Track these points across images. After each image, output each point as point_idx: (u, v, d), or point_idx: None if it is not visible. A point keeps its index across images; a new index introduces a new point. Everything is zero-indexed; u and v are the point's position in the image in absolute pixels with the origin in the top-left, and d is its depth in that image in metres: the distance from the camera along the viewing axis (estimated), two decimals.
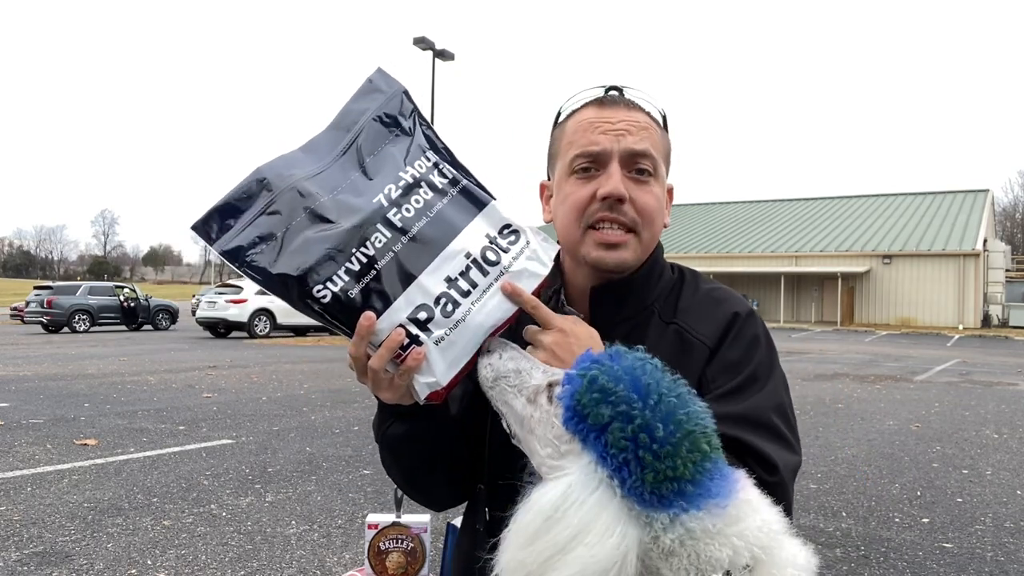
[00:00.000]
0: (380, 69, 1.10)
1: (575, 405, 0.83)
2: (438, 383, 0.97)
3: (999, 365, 17.38)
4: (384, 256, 0.96)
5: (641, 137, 1.12)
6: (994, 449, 7.56)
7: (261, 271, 0.95)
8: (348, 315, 0.95)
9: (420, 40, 24.41)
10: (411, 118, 1.07)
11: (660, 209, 1.16)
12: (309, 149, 1.03)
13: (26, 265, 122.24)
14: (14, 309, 29.88)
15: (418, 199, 1.00)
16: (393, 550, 1.52)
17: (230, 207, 0.98)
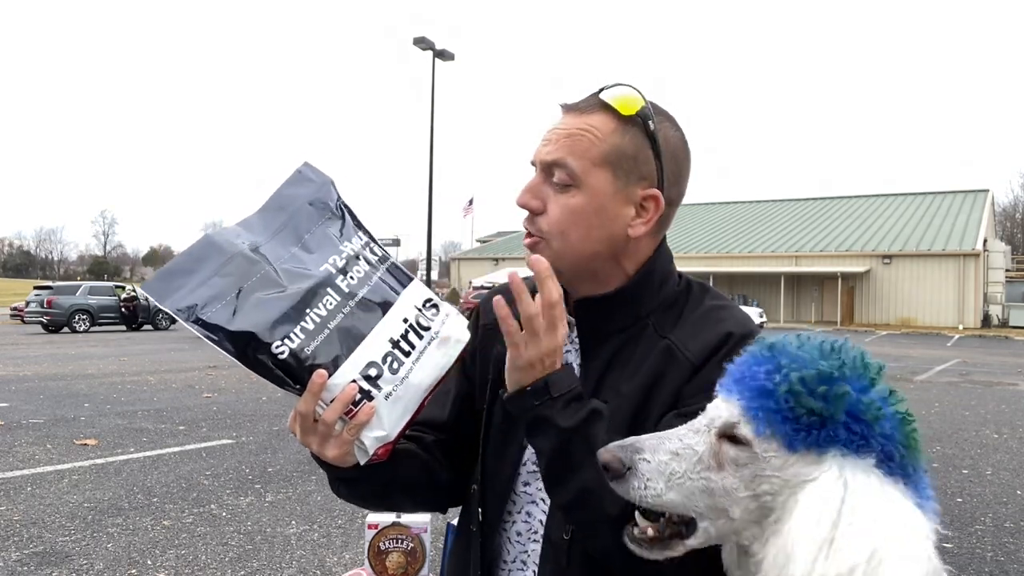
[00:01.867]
0: (307, 163, 1.18)
1: (795, 417, 0.82)
2: (388, 436, 1.03)
3: (999, 365, 17.38)
4: (335, 317, 1.02)
5: (559, 146, 1.08)
6: (994, 449, 7.56)
7: (216, 328, 0.98)
8: (302, 372, 0.99)
9: (420, 40, 24.42)
10: (338, 205, 1.14)
11: (579, 217, 1.08)
12: (247, 226, 1.09)
13: (26, 265, 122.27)
14: (14, 309, 29.87)
15: (359, 269, 1.08)
16: (393, 550, 1.52)
17: (182, 269, 1.02)
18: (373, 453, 1.03)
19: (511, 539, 1.15)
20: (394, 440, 1.04)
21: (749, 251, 40.09)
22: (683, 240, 42.89)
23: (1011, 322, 35.45)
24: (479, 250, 51.01)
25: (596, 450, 0.95)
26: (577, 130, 1.08)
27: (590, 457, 0.95)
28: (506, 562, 1.15)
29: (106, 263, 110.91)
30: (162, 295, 1.01)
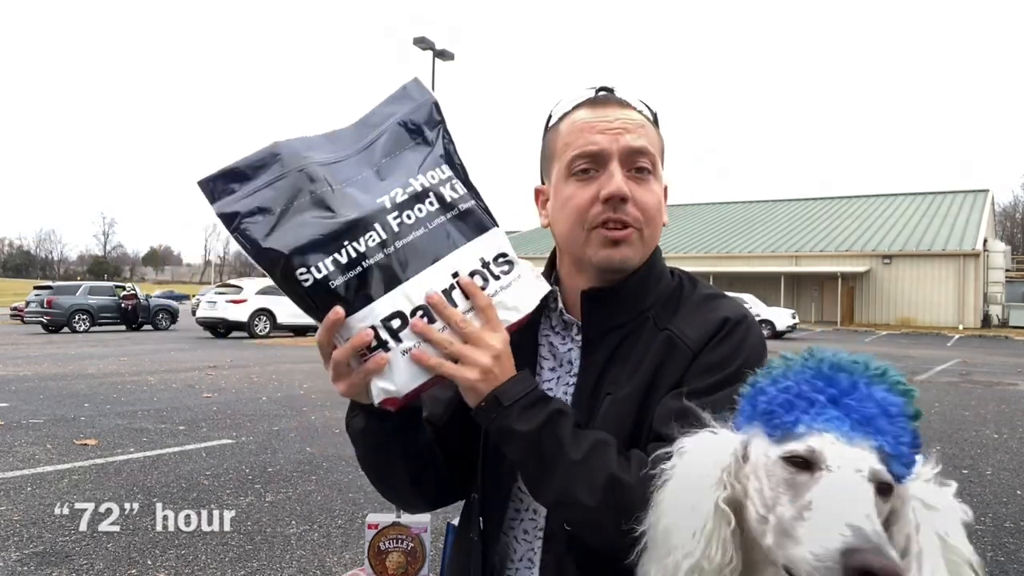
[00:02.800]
0: (416, 79, 1.11)
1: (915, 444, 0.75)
2: (397, 392, 0.97)
3: (999, 365, 17.38)
4: (374, 256, 0.96)
5: (638, 135, 1.10)
6: (994, 449, 7.56)
7: (251, 241, 0.95)
8: (326, 303, 0.95)
9: (420, 40, 24.40)
10: (436, 130, 1.08)
11: (660, 207, 1.14)
12: (332, 138, 1.05)
13: (26, 265, 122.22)
14: (14, 309, 29.87)
15: (421, 208, 1.00)
16: (393, 550, 1.52)
17: (239, 172, 0.99)
18: (379, 402, 0.99)
19: (518, 538, 1.15)
20: (402, 398, 0.99)
21: (749, 251, 40.08)
22: (683, 240, 42.87)
23: (1011, 322, 35.43)
24: None
25: (565, 449, 0.97)
26: (641, 122, 1.12)
27: (560, 457, 0.97)
28: (513, 561, 1.15)
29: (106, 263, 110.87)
30: (213, 195, 0.98)
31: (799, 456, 0.73)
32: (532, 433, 0.98)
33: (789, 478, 0.73)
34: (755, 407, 0.80)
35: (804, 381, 0.76)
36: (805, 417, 0.74)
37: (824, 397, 0.74)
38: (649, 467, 0.89)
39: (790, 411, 0.75)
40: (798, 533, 0.70)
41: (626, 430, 1.05)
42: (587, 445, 0.98)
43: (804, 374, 0.77)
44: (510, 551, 1.16)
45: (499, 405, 1.00)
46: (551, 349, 1.19)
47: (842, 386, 0.75)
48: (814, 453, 0.72)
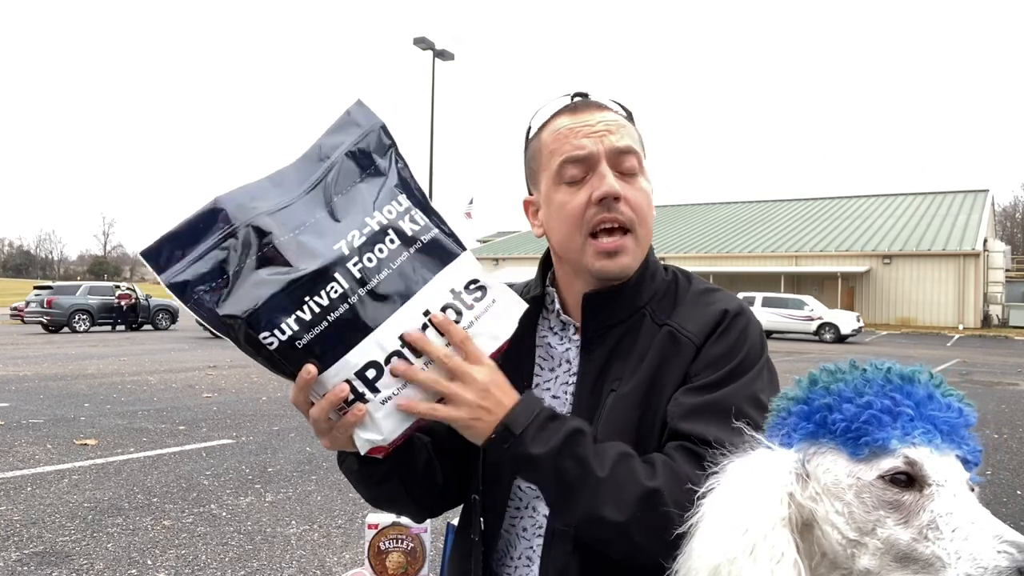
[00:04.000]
0: (359, 101, 1.04)
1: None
2: (384, 440, 0.95)
3: (999, 365, 17.37)
4: (339, 308, 0.91)
5: (622, 134, 1.11)
6: (994, 449, 7.55)
7: (207, 310, 0.91)
8: (294, 363, 0.91)
9: (420, 40, 24.41)
10: (387, 156, 1.01)
11: (651, 204, 1.15)
12: (277, 180, 0.98)
13: (26, 265, 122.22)
14: (14, 309, 29.83)
15: (382, 248, 0.95)
16: (393, 550, 1.52)
17: (184, 236, 0.94)
18: (365, 452, 0.97)
19: (517, 535, 1.15)
20: (389, 445, 0.96)
21: (749, 251, 40.07)
22: (683, 240, 42.88)
23: (1011, 322, 35.43)
24: (479, 250, 50.95)
25: (589, 467, 0.95)
26: (621, 121, 1.13)
27: (585, 476, 0.96)
28: (512, 559, 1.15)
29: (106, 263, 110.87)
30: (160, 266, 0.93)
31: (902, 473, 0.70)
32: (550, 455, 0.96)
33: (893, 499, 0.70)
34: (824, 425, 0.75)
35: (884, 395, 0.73)
36: (896, 432, 0.71)
37: (909, 408, 0.72)
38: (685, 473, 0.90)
39: (880, 428, 0.71)
40: (927, 554, 0.68)
41: (631, 424, 1.06)
42: (610, 460, 0.97)
43: (877, 387, 0.74)
44: (509, 548, 1.16)
45: (511, 434, 0.97)
46: (548, 350, 1.20)
47: (919, 397, 0.73)
48: (915, 470, 0.70)
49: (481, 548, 1.15)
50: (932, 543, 0.68)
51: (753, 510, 0.74)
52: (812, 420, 0.76)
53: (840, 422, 0.73)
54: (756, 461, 0.79)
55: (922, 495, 0.70)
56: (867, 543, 0.71)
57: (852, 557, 0.73)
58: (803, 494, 0.76)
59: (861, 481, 0.72)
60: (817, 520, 0.75)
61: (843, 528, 0.73)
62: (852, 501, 0.72)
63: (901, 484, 0.70)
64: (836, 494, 0.73)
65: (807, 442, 0.77)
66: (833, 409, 0.74)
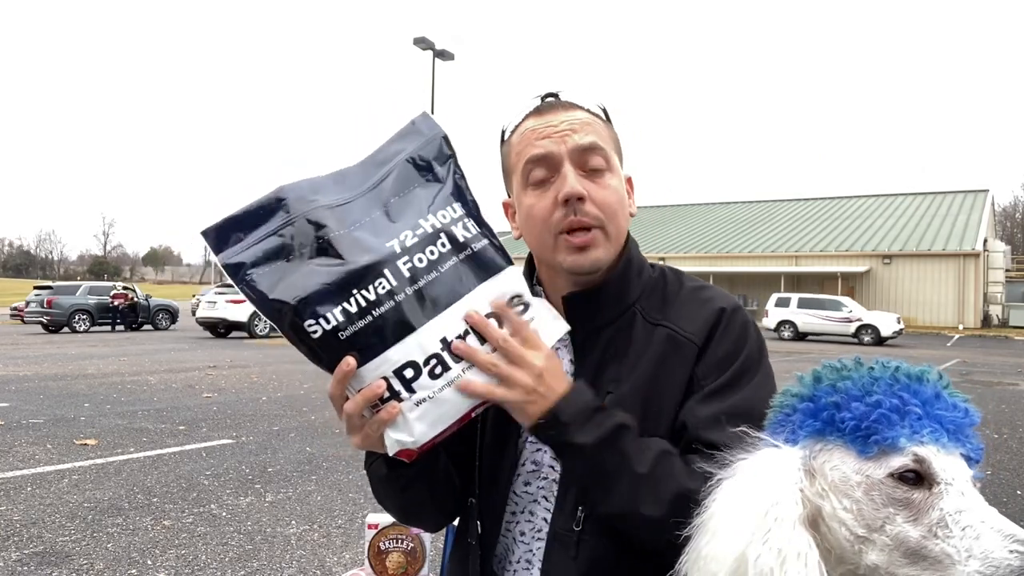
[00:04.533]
0: (425, 113, 1.09)
1: None
2: (414, 443, 0.95)
3: (999, 365, 17.38)
4: (385, 303, 0.93)
5: (585, 132, 1.10)
6: (994, 449, 7.55)
7: (258, 292, 0.93)
8: (335, 354, 0.93)
9: (420, 40, 24.40)
10: (446, 165, 1.05)
11: (621, 200, 1.13)
12: (338, 179, 1.02)
13: (26, 265, 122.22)
14: (14, 309, 29.84)
15: (433, 251, 0.97)
16: (393, 550, 1.52)
17: (243, 220, 0.97)
18: (393, 453, 0.97)
19: (516, 539, 1.15)
20: (419, 449, 0.96)
21: (749, 251, 40.07)
22: (683, 240, 42.87)
23: (1011, 322, 35.43)
24: None
25: (630, 461, 0.96)
26: (588, 119, 1.12)
27: (625, 470, 0.97)
28: (511, 563, 1.15)
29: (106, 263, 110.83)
30: (218, 245, 0.96)
31: (911, 471, 0.71)
32: (594, 446, 0.97)
33: (903, 497, 0.71)
34: (832, 423, 0.75)
35: (892, 394, 0.74)
36: (905, 431, 0.72)
37: (917, 407, 0.73)
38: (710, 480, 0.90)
39: (890, 426, 0.72)
40: (937, 551, 0.69)
41: None
42: (652, 457, 0.98)
43: (885, 385, 0.75)
44: (509, 552, 1.15)
45: (558, 422, 0.98)
46: None
47: (926, 396, 0.74)
48: (923, 468, 0.71)
49: (478, 552, 1.15)
50: (942, 541, 0.69)
51: (771, 510, 0.74)
52: (819, 418, 0.77)
53: (849, 420, 0.74)
54: (766, 460, 0.79)
55: (931, 493, 0.71)
56: (875, 539, 0.72)
57: (859, 553, 0.73)
58: (810, 490, 0.76)
59: (871, 479, 0.73)
60: (823, 516, 0.76)
61: (851, 525, 0.73)
62: (861, 498, 0.73)
63: (910, 482, 0.71)
64: (844, 491, 0.74)
65: (813, 439, 0.77)
66: (841, 407, 0.75)
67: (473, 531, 1.15)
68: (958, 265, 34.38)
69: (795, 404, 0.80)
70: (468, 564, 1.16)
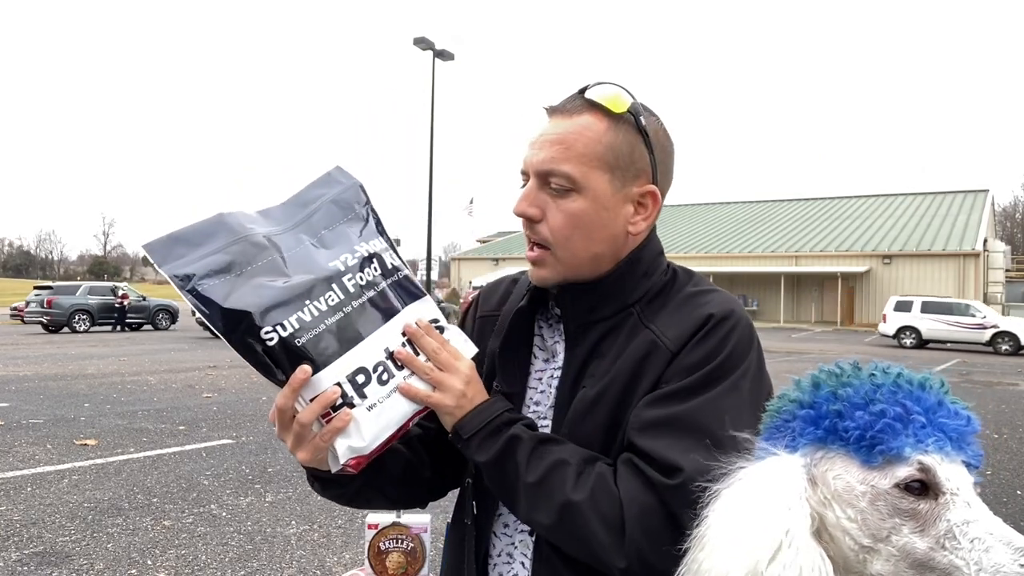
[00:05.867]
0: (339, 166, 1.17)
1: None
2: (364, 448, 0.99)
3: (999, 365, 17.38)
4: (334, 314, 0.99)
5: (553, 152, 1.06)
6: (994, 449, 7.56)
7: (209, 302, 0.95)
8: (289, 362, 0.96)
9: (420, 40, 24.41)
10: (365, 207, 1.13)
11: (579, 224, 1.07)
12: (266, 215, 1.08)
13: (26, 265, 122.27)
14: (14, 309, 29.83)
15: (369, 272, 1.06)
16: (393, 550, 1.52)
17: (187, 239, 1.00)
18: (344, 463, 0.99)
19: (497, 532, 1.16)
20: (368, 455, 1.00)
21: (749, 251, 40.07)
22: (683, 240, 42.88)
23: None
24: (479, 250, 51.00)
25: (521, 473, 1.01)
26: (569, 133, 1.07)
27: (518, 481, 1.01)
28: (491, 556, 1.16)
29: (106, 263, 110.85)
30: (163, 258, 0.98)
31: (917, 481, 0.70)
32: (491, 463, 1.03)
33: (909, 508, 0.70)
34: (834, 432, 0.74)
35: (895, 403, 0.72)
36: (909, 440, 0.71)
37: (921, 416, 0.72)
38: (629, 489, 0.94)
39: (894, 436, 0.71)
40: (945, 563, 0.68)
41: (600, 428, 1.05)
42: (544, 467, 1.01)
43: (888, 393, 0.73)
44: (490, 545, 1.16)
45: (459, 439, 1.05)
46: (542, 342, 1.20)
47: (929, 404, 0.73)
48: (929, 479, 0.70)
49: (474, 533, 1.16)
50: (950, 552, 0.68)
51: (782, 523, 0.73)
52: (820, 426, 0.75)
53: (853, 430, 0.73)
54: (769, 469, 0.77)
55: (937, 504, 0.70)
56: (881, 550, 0.72)
57: (864, 563, 0.72)
58: (814, 499, 0.75)
59: (876, 489, 0.72)
60: (827, 525, 0.74)
61: (856, 535, 0.73)
62: (866, 508, 0.72)
63: (916, 492, 0.71)
64: (848, 501, 0.73)
65: (814, 447, 0.76)
66: (844, 416, 0.74)
67: (468, 512, 1.17)
68: (958, 265, 34.38)
69: (794, 410, 0.78)
70: (464, 546, 1.17)
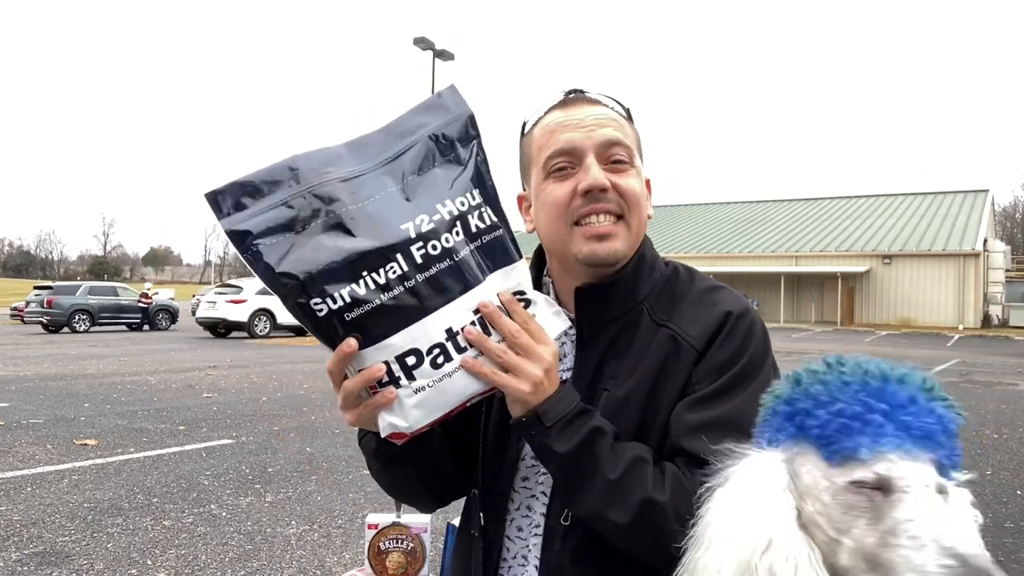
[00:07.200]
0: (453, 86, 1.04)
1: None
2: (408, 428, 0.95)
3: (999, 365, 17.37)
4: (394, 288, 0.91)
5: (611, 128, 1.10)
6: (994, 449, 7.56)
7: (264, 264, 0.89)
8: (338, 334, 0.91)
9: (420, 40, 24.40)
10: (469, 147, 1.01)
11: (644, 195, 1.13)
12: (355, 147, 0.97)
13: (26, 265, 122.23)
14: (14, 309, 29.84)
15: (448, 239, 0.94)
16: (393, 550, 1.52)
17: (252, 186, 0.91)
18: (385, 435, 0.96)
19: (511, 536, 1.15)
20: (412, 434, 0.96)
21: (749, 251, 40.08)
22: (683, 240, 42.88)
23: (1011, 322, 35.43)
24: None
25: (601, 467, 0.97)
26: (607, 116, 1.12)
27: (595, 475, 0.98)
28: (506, 560, 1.15)
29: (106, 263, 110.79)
30: (222, 209, 0.91)
31: (872, 479, 0.71)
32: (570, 453, 0.99)
33: (863, 504, 0.71)
34: (803, 429, 0.76)
35: (856, 401, 0.73)
36: (865, 440, 0.71)
37: (879, 415, 0.72)
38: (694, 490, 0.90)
39: (849, 436, 0.72)
40: (886, 559, 0.69)
41: (628, 429, 1.05)
42: (624, 463, 0.98)
43: (852, 391, 0.74)
44: (503, 549, 1.15)
45: (540, 424, 0.99)
46: None
47: (898, 399, 0.73)
48: (882, 479, 0.71)
49: (481, 544, 1.15)
50: (891, 549, 0.69)
51: (770, 515, 0.75)
52: (793, 422, 0.78)
53: (814, 428, 0.75)
54: (755, 465, 0.79)
55: (887, 500, 0.71)
56: (843, 542, 0.73)
57: (835, 554, 0.74)
58: (794, 492, 0.78)
59: (835, 485, 0.73)
60: (803, 518, 0.77)
61: (824, 527, 0.75)
62: (829, 503, 0.74)
63: (871, 488, 0.71)
64: (815, 495, 0.75)
65: (791, 442, 0.78)
66: (810, 414, 0.76)
67: (476, 523, 1.16)
68: (958, 265, 34.37)
69: (776, 407, 0.81)
70: (471, 557, 1.16)
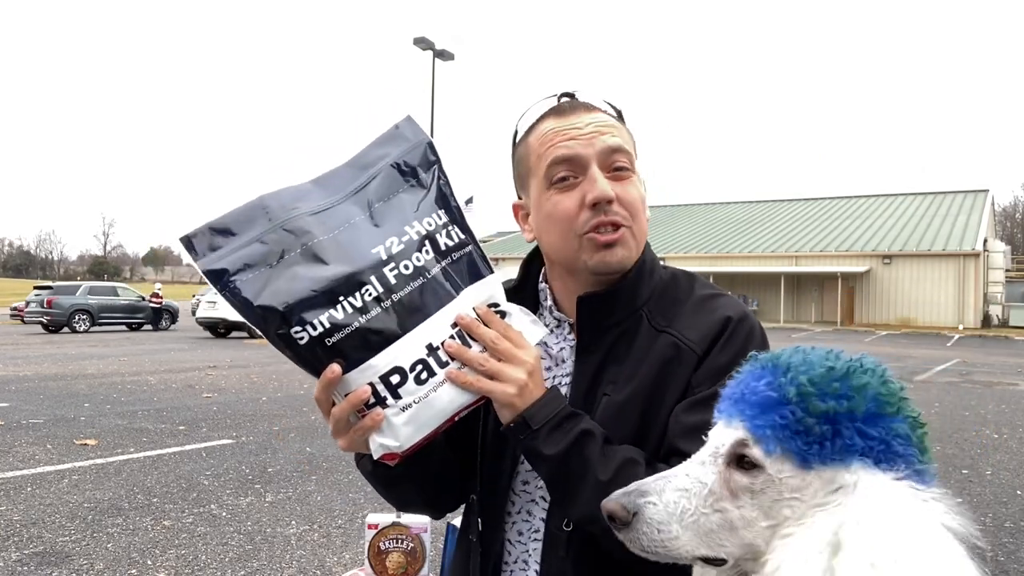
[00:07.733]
0: (409, 117, 1.08)
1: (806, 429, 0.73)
2: (399, 447, 0.96)
3: (999, 365, 17.37)
4: (371, 310, 0.93)
5: (611, 134, 1.10)
6: (994, 449, 7.56)
7: (242, 299, 0.92)
8: (321, 361, 0.93)
9: (420, 40, 24.39)
10: (431, 171, 1.04)
11: (643, 201, 1.14)
12: (321, 183, 1.02)
13: (26, 265, 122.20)
14: (14, 309, 29.82)
15: (419, 257, 0.98)
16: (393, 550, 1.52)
17: (223, 228, 0.96)
18: (377, 458, 0.98)
19: (512, 540, 1.15)
20: (403, 453, 0.97)
21: (749, 251, 40.05)
22: (683, 240, 42.86)
23: (1011, 322, 35.40)
24: None
25: (593, 469, 0.97)
26: (605, 123, 1.11)
27: (587, 477, 0.98)
28: (507, 564, 1.15)
29: (106, 263, 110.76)
30: (197, 251, 0.95)
31: None
32: (559, 456, 0.99)
33: None
34: None
35: (735, 382, 0.83)
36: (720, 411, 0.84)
37: (729, 392, 0.82)
38: None
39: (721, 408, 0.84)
40: None
41: (628, 433, 1.05)
42: (615, 465, 0.98)
43: (743, 374, 0.82)
44: (504, 553, 1.15)
45: (528, 427, 1.00)
46: (545, 348, 1.19)
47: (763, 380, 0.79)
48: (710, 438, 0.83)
49: (479, 549, 1.15)
50: None
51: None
52: None
53: None
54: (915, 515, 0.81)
55: None
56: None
57: None
58: None
59: None
60: None
61: None
62: None
63: None
64: None
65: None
66: None
67: (474, 528, 1.16)
68: (958, 265, 34.36)
69: None
70: (469, 562, 1.16)
